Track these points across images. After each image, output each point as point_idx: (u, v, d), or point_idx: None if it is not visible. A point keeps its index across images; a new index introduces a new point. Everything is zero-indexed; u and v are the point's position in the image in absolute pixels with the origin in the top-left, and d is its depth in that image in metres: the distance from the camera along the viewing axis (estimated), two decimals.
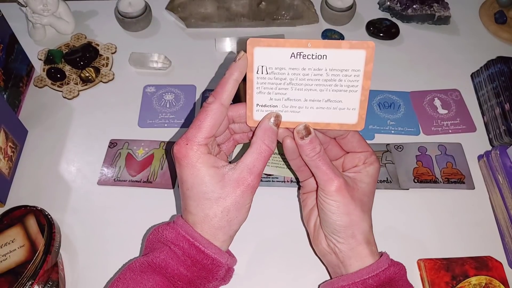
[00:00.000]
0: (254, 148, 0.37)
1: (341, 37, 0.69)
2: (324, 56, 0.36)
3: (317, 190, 0.40)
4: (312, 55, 0.36)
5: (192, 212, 0.37)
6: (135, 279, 0.36)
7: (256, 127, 0.38)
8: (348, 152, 0.42)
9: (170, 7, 0.70)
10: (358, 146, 0.41)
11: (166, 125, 0.58)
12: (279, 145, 0.40)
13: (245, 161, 0.37)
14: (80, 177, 0.53)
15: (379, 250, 0.40)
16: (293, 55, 0.36)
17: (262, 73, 0.37)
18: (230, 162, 0.38)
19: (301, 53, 0.36)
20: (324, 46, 0.36)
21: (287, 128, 0.39)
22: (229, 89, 0.37)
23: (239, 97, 0.39)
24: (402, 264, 0.39)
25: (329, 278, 0.44)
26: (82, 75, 0.62)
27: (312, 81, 0.37)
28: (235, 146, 0.43)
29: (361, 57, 0.36)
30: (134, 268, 0.37)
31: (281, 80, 0.37)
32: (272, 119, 0.38)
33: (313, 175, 0.39)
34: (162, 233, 0.37)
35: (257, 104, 0.38)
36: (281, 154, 0.41)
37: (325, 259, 0.43)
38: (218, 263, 0.36)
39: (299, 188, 0.51)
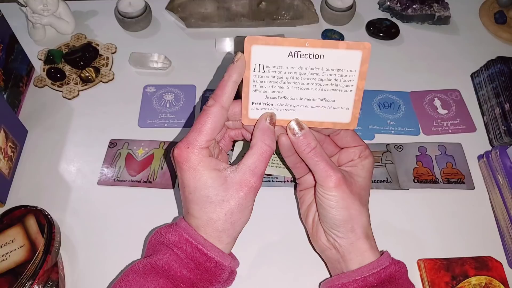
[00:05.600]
0: (255, 149, 0.37)
1: (341, 37, 0.69)
2: (321, 56, 0.36)
3: (315, 186, 0.40)
4: (310, 54, 0.36)
5: (195, 216, 0.37)
6: (138, 281, 0.36)
7: (254, 128, 0.38)
8: (342, 148, 0.42)
9: (170, 7, 0.70)
10: (352, 141, 0.41)
11: (166, 125, 0.58)
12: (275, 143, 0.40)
13: (247, 162, 0.37)
14: (80, 177, 0.53)
15: (379, 250, 0.40)
16: (290, 54, 0.36)
17: (259, 71, 0.37)
18: (231, 164, 0.38)
19: (298, 52, 0.36)
20: (322, 45, 0.36)
21: (282, 126, 0.39)
22: (228, 91, 0.37)
23: (239, 94, 0.39)
24: (403, 262, 0.40)
25: (329, 276, 0.44)
26: (82, 75, 0.62)
27: (308, 80, 0.37)
28: (232, 142, 0.43)
29: (357, 58, 0.36)
30: (137, 270, 0.37)
31: (277, 79, 0.37)
32: (267, 119, 0.38)
33: (310, 171, 0.40)
34: (164, 235, 0.37)
35: (253, 102, 0.38)
36: (279, 153, 0.41)
37: (325, 255, 0.43)
38: (221, 266, 0.36)
39: (295, 186, 0.51)
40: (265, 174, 0.52)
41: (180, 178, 0.37)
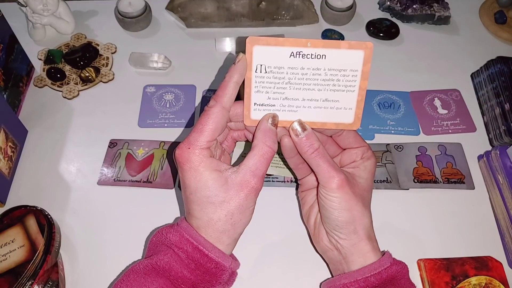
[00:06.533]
0: (256, 151, 0.37)
1: (341, 37, 0.69)
2: (323, 56, 0.36)
3: (317, 187, 0.40)
4: (312, 54, 0.36)
5: (196, 216, 0.37)
6: (139, 281, 0.36)
7: (255, 129, 0.38)
8: (344, 149, 0.42)
9: (170, 7, 0.70)
10: (354, 142, 0.41)
11: (166, 125, 0.58)
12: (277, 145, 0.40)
13: (248, 163, 0.37)
14: (80, 177, 0.53)
15: (380, 251, 0.40)
16: (292, 54, 0.36)
17: (260, 72, 0.37)
18: (232, 165, 0.38)
19: (300, 53, 0.36)
20: (324, 46, 0.36)
21: (284, 127, 0.39)
22: (229, 92, 0.36)
23: (241, 95, 0.39)
24: (404, 263, 0.40)
25: (331, 276, 0.44)
26: (82, 75, 0.62)
27: (311, 81, 0.37)
28: (235, 143, 0.43)
29: (360, 58, 0.36)
30: (138, 270, 0.37)
31: (279, 79, 0.37)
32: (269, 120, 0.38)
33: (313, 172, 0.39)
34: (166, 235, 0.37)
35: (255, 103, 0.38)
36: (280, 153, 0.41)
37: (327, 256, 0.43)
38: (221, 267, 0.36)
39: (297, 187, 0.51)
40: (266, 174, 0.52)
41: (181, 178, 0.37)
